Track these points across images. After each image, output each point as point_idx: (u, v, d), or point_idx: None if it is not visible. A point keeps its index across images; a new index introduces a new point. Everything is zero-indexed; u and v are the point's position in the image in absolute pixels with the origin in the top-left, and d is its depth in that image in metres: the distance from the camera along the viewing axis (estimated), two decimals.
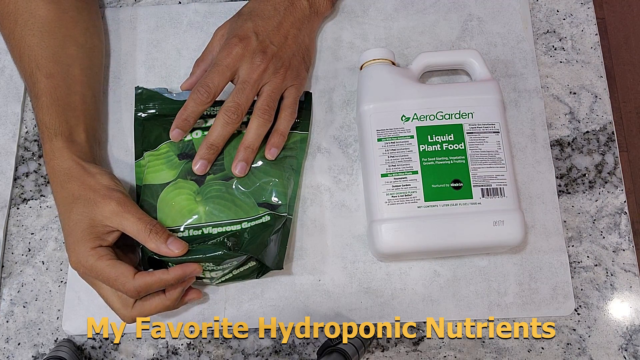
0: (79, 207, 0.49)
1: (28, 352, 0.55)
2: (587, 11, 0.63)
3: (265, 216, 0.53)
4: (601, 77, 0.61)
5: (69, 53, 0.54)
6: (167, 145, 0.56)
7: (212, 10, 0.64)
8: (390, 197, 0.51)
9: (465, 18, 0.62)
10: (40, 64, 0.53)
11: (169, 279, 0.48)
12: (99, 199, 0.48)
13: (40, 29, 0.53)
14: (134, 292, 0.47)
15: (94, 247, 0.48)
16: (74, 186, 0.50)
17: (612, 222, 0.57)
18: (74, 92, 0.54)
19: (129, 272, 0.47)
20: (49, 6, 0.54)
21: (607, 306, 0.55)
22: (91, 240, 0.48)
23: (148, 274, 0.48)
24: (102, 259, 0.48)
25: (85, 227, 0.48)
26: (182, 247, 0.48)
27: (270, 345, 0.55)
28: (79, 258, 0.48)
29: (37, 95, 0.52)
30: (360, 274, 0.56)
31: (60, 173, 0.50)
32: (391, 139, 0.53)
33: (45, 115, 0.52)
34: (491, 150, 0.52)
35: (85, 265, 0.48)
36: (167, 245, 0.48)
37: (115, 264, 0.47)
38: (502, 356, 0.54)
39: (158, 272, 0.48)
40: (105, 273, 0.47)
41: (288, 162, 0.56)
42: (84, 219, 0.48)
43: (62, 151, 0.51)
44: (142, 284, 0.47)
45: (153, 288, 0.48)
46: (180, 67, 0.62)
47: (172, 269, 0.48)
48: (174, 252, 0.48)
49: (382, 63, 0.56)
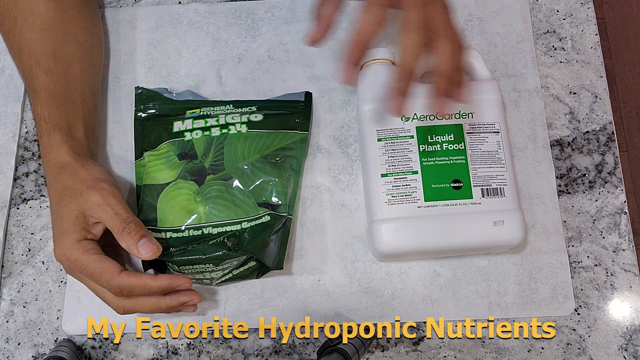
0: (66, 198, 0.48)
1: (28, 352, 0.55)
2: (587, 11, 0.63)
3: (265, 216, 0.53)
4: (601, 77, 0.61)
5: (69, 51, 0.54)
6: (167, 145, 0.56)
7: (212, 10, 0.64)
8: (390, 197, 0.51)
9: (465, 18, 0.62)
10: (39, 60, 0.53)
11: (154, 286, 0.47)
12: (84, 189, 0.48)
13: (41, 27, 0.53)
14: (117, 290, 0.46)
15: (79, 240, 0.47)
16: (65, 178, 0.49)
17: (612, 222, 0.57)
18: (73, 89, 0.54)
19: (115, 269, 0.46)
20: (49, 4, 0.54)
21: (607, 306, 0.55)
22: (76, 231, 0.47)
23: (134, 275, 0.47)
24: (88, 252, 0.47)
25: (71, 219, 0.47)
26: (153, 251, 0.47)
27: (270, 345, 0.55)
28: (64, 250, 0.47)
29: (35, 91, 0.52)
30: (360, 274, 0.56)
31: (55, 167, 0.50)
32: (391, 139, 0.53)
33: (44, 110, 0.52)
34: (491, 150, 0.52)
35: (70, 258, 0.47)
36: (137, 246, 0.47)
37: (100, 259, 0.47)
38: (502, 356, 0.54)
39: (145, 277, 0.47)
40: (89, 267, 0.46)
41: (288, 162, 0.56)
42: (70, 210, 0.48)
43: (60, 145, 0.50)
44: (125, 284, 0.46)
45: (136, 291, 0.47)
46: (180, 67, 0.62)
47: (160, 276, 0.47)
48: (143, 255, 0.47)
49: (382, 63, 0.56)
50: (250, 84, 0.61)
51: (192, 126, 0.56)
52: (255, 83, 0.61)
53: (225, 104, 0.58)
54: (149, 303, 0.48)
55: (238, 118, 0.56)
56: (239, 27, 0.63)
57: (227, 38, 0.63)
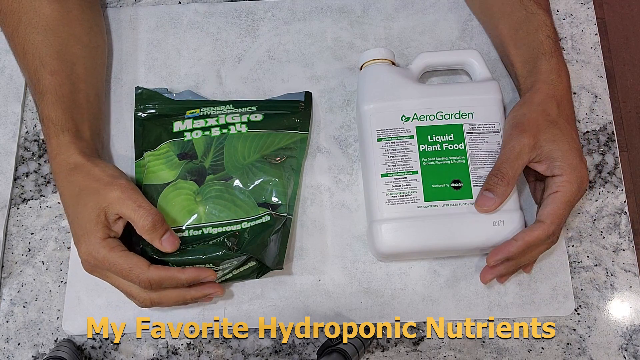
0: (84, 198, 0.49)
1: (28, 352, 0.55)
2: (587, 11, 0.63)
3: (265, 216, 0.53)
4: (601, 77, 0.61)
5: (73, 52, 0.54)
6: (167, 145, 0.56)
7: (212, 10, 0.64)
8: (390, 197, 0.51)
9: (465, 18, 0.62)
10: (44, 62, 0.53)
11: (182, 278, 0.48)
12: (102, 186, 0.48)
13: (45, 27, 0.53)
14: (147, 283, 0.47)
15: (104, 238, 0.48)
16: (78, 178, 0.50)
17: (612, 222, 0.57)
18: (78, 89, 0.54)
19: (143, 264, 0.47)
20: (53, 5, 0.54)
21: (607, 306, 0.55)
22: (100, 230, 0.48)
23: (163, 269, 0.48)
24: (115, 249, 0.48)
25: (92, 217, 0.48)
26: (175, 245, 0.49)
27: (270, 345, 0.55)
28: (90, 250, 0.48)
29: (41, 92, 0.52)
30: (360, 274, 0.56)
31: (66, 168, 0.50)
32: (391, 139, 0.53)
33: (52, 112, 0.52)
34: (491, 150, 0.52)
35: (97, 256, 0.48)
36: (160, 241, 0.48)
37: (128, 255, 0.48)
38: (502, 356, 0.54)
39: (173, 270, 0.48)
40: (118, 264, 0.47)
41: (288, 162, 0.56)
42: (90, 209, 0.48)
43: (69, 146, 0.51)
44: (155, 277, 0.47)
45: (165, 284, 0.48)
46: (180, 67, 0.62)
47: (187, 269, 0.49)
48: (165, 249, 0.49)
49: (382, 63, 0.56)
50: (250, 84, 0.61)
51: (192, 126, 0.56)
52: (255, 83, 0.61)
53: (225, 104, 0.58)
54: (175, 295, 0.50)
55: (238, 118, 0.56)
56: (239, 27, 0.63)
57: (227, 38, 0.63)
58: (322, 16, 0.63)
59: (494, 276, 0.51)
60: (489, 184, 0.50)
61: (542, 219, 0.49)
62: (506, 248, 0.49)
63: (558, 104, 0.51)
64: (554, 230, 0.49)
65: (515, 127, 0.50)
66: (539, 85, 0.52)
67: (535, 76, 0.52)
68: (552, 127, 0.50)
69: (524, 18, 0.54)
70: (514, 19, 0.55)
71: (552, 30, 0.54)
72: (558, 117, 0.50)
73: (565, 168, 0.49)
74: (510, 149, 0.50)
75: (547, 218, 0.49)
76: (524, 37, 0.54)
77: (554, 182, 0.49)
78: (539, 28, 0.53)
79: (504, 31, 0.56)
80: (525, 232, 0.49)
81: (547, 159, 0.50)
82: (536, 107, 0.51)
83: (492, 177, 0.50)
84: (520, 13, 0.54)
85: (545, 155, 0.49)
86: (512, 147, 0.49)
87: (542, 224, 0.49)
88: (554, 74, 0.52)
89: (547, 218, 0.49)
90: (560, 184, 0.49)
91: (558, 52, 0.53)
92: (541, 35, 0.53)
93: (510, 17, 0.55)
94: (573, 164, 0.49)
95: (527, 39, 0.54)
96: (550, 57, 0.52)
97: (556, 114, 0.51)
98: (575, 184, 0.49)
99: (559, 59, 0.53)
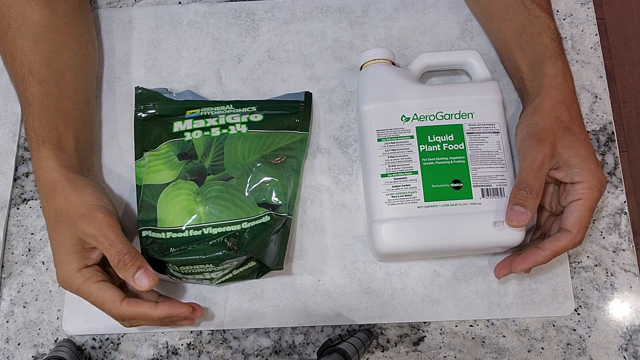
0: (60, 226, 0.49)
1: (28, 352, 0.55)
2: (587, 11, 0.63)
3: (265, 216, 0.53)
4: (601, 77, 0.61)
5: (63, 59, 0.54)
6: (167, 145, 0.56)
7: (212, 10, 0.64)
8: (390, 197, 0.51)
9: (465, 18, 0.62)
10: (33, 69, 0.52)
11: (154, 315, 0.48)
12: (77, 218, 0.48)
13: (34, 34, 0.53)
14: (119, 318, 0.48)
15: (80, 269, 0.48)
16: (57, 201, 0.49)
17: (612, 222, 0.57)
18: (66, 98, 0.53)
19: (116, 298, 0.47)
20: (43, 11, 0.53)
21: (607, 306, 0.55)
22: (76, 260, 0.48)
23: (135, 304, 0.48)
24: (89, 281, 0.48)
25: (68, 247, 0.48)
26: (150, 282, 0.48)
27: (270, 345, 0.55)
28: (66, 279, 0.48)
29: (28, 101, 0.52)
30: (360, 274, 0.56)
31: (46, 186, 0.50)
32: (391, 139, 0.53)
33: (35, 122, 0.51)
34: (491, 151, 0.52)
35: (72, 286, 0.48)
36: (133, 279, 0.47)
37: (101, 287, 0.48)
38: (502, 356, 0.54)
39: (145, 306, 0.48)
40: (92, 296, 0.48)
41: (288, 162, 0.56)
42: (66, 239, 0.48)
43: (49, 160, 0.50)
44: (127, 313, 0.47)
45: (138, 319, 0.48)
46: (180, 67, 0.62)
47: (160, 306, 0.48)
48: (139, 287, 0.47)
49: (382, 63, 0.56)
50: (250, 84, 0.61)
51: (192, 126, 0.56)
52: (255, 83, 0.61)
53: (225, 104, 0.58)
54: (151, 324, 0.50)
55: (238, 118, 0.56)
56: (239, 27, 0.63)
57: (227, 38, 0.63)
58: (322, 16, 0.63)
59: (509, 273, 0.51)
60: (518, 198, 0.49)
61: (568, 228, 0.49)
62: (533, 257, 0.49)
63: (568, 109, 0.51)
64: (580, 239, 0.49)
65: (532, 137, 0.50)
66: (546, 91, 0.52)
67: (541, 80, 0.52)
68: (567, 133, 0.50)
69: (527, 21, 0.54)
70: (516, 22, 0.55)
71: (556, 33, 0.54)
72: (571, 123, 0.50)
73: (585, 174, 0.48)
74: (532, 160, 0.49)
75: (573, 227, 0.48)
76: (528, 40, 0.54)
77: (575, 189, 0.49)
78: (542, 31, 0.53)
79: (507, 34, 0.56)
80: (552, 242, 0.48)
81: (565, 165, 0.49)
82: (548, 114, 0.51)
83: (520, 190, 0.49)
84: (523, 16, 0.54)
85: (564, 162, 0.49)
86: (534, 159, 0.49)
87: (569, 233, 0.48)
88: (560, 78, 0.52)
89: (573, 227, 0.48)
90: (582, 191, 0.48)
91: (563, 56, 0.53)
92: (545, 38, 0.53)
93: (513, 20, 0.55)
94: (592, 169, 0.49)
95: (532, 42, 0.54)
96: (555, 60, 0.52)
97: (568, 119, 0.50)
98: (596, 189, 0.48)
99: (564, 62, 0.53)
